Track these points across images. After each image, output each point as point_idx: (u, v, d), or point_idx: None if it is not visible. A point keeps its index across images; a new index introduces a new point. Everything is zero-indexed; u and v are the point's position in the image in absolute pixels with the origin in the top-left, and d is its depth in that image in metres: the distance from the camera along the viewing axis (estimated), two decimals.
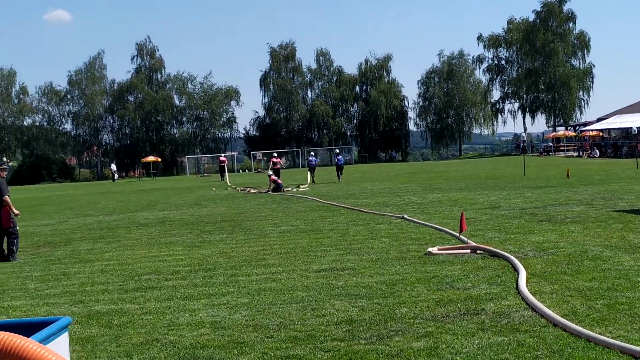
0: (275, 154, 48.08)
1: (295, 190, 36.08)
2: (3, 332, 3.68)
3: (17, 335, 3.65)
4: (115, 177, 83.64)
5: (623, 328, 7.11)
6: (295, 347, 7.16)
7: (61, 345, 4.53)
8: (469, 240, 13.49)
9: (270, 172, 39.13)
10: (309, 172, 46.21)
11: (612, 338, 6.72)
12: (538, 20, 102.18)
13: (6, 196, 15.43)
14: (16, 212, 15.75)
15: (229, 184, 47.63)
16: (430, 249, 12.60)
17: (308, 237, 16.01)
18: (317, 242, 14.93)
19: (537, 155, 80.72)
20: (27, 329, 4.52)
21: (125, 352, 7.37)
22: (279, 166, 43.63)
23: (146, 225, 21.57)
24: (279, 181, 36.49)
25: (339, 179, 44.54)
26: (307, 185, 39.96)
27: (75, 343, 7.81)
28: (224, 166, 61.40)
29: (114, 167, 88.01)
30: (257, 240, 16.07)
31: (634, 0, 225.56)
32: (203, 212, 25.49)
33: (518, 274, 9.90)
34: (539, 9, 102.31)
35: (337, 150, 51.67)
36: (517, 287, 9.19)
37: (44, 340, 4.20)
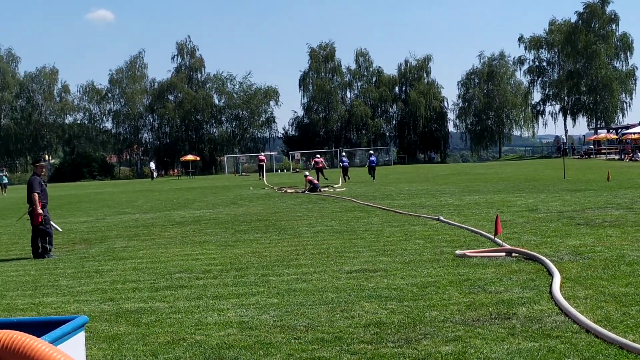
0: (318, 155, 48.88)
1: (331, 190, 36.04)
2: (13, 331, 3.65)
3: (26, 334, 3.61)
4: (154, 176, 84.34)
5: None
6: (322, 349, 7.08)
7: (76, 345, 4.49)
8: (504, 243, 13.31)
9: (307, 173, 39.15)
10: (341, 173, 47.49)
11: None
12: (580, 22, 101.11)
13: (34, 193, 15.38)
14: (40, 211, 15.45)
15: (266, 183, 47.69)
16: (458, 252, 12.46)
17: (342, 237, 15.92)
18: (351, 243, 14.84)
19: (578, 158, 79.80)
20: (43, 327, 4.49)
21: (151, 351, 7.34)
22: (321, 165, 43.97)
23: (181, 223, 21.64)
24: (315, 181, 36.46)
25: (373, 178, 45.75)
26: (340, 185, 39.88)
27: (102, 341, 7.82)
28: (262, 165, 61.64)
29: (152, 165, 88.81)
30: (291, 240, 16.02)
31: None
32: (239, 211, 25.52)
33: (552, 278, 9.71)
34: (581, 10, 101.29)
35: (371, 152, 53.41)
36: (550, 292, 9.02)
37: (57, 340, 4.16)
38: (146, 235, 18.62)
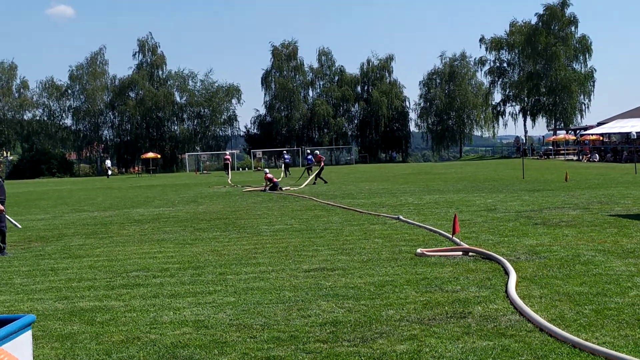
0: (318, 151, 50.47)
1: (293, 189, 36.04)
2: None
3: None
4: (109, 173, 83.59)
5: (610, 334, 7.00)
6: (277, 347, 7.06)
7: (22, 344, 4.41)
8: (461, 242, 13.38)
9: (267, 170, 39.05)
10: (283, 168, 54.27)
11: (598, 344, 6.61)
12: (540, 24, 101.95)
13: None
14: (1, 208, 15.27)
15: (230, 182, 47.50)
16: (419, 250, 12.51)
17: (301, 236, 15.91)
18: (310, 242, 14.83)
19: (537, 159, 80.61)
20: None
21: (105, 350, 7.26)
22: (323, 163, 44.09)
23: (140, 221, 21.47)
24: (275, 180, 36.44)
25: (309, 174, 46.47)
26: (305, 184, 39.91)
27: (54, 340, 7.72)
28: (227, 163, 62.81)
29: (108, 162, 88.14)
30: (250, 238, 15.97)
31: (635, 5, 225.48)
32: (199, 209, 25.39)
33: (508, 278, 9.79)
34: (541, 12, 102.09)
35: (308, 150, 58.77)
36: (506, 291, 9.09)
37: (2, 339, 4.08)
38: (104, 233, 18.45)
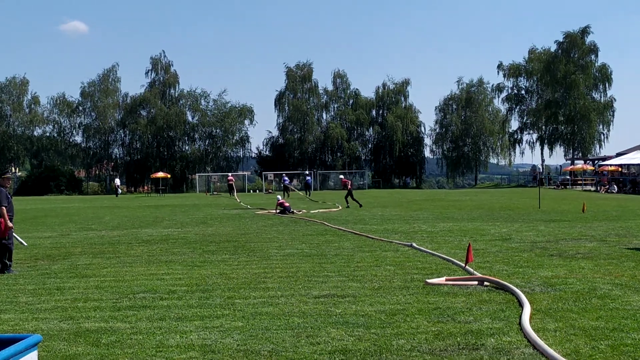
0: (342, 176, 52.11)
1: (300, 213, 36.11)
2: None
3: None
4: (119, 192, 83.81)
5: None
6: None
7: None
8: (475, 272, 13.34)
9: (279, 197, 39.30)
10: (284, 191, 57.24)
11: None
12: (560, 51, 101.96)
13: (2, 207, 15.21)
14: (10, 224, 15.36)
15: (238, 200, 47.55)
16: (429, 280, 12.48)
17: (311, 261, 15.89)
18: (320, 267, 14.81)
19: (554, 188, 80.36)
20: None
21: None
22: (350, 186, 44.62)
23: (148, 242, 21.50)
24: (286, 204, 36.55)
25: (307, 194, 54.60)
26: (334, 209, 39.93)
27: None
28: (231, 184, 64.41)
29: (117, 181, 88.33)
30: (259, 262, 15.96)
31: None
32: (208, 231, 25.41)
33: (522, 309, 9.74)
34: (561, 40, 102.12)
35: (307, 172, 63.88)
36: (520, 323, 9.04)
37: (8, 359, 4.09)
38: (111, 253, 18.48)
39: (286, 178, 64.73)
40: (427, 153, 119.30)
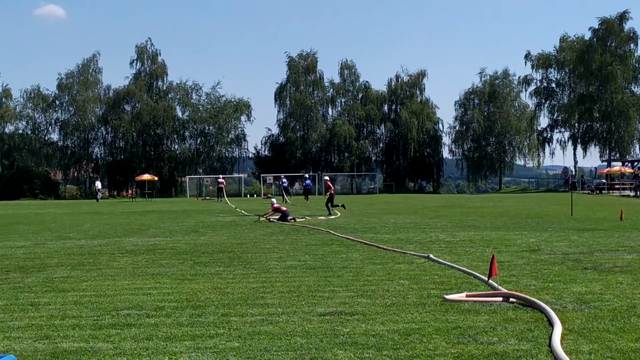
0: (327, 177, 53.16)
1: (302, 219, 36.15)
2: None
3: None
4: (99, 197, 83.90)
5: None
6: None
7: None
8: (499, 287, 13.33)
9: (274, 200, 39.25)
10: (282, 195, 60.04)
11: None
12: (595, 39, 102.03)
13: None
14: None
15: (233, 206, 47.70)
16: (447, 296, 12.47)
17: (316, 274, 15.89)
18: (326, 281, 14.81)
19: (588, 193, 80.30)
20: None
21: None
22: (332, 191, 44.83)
23: (133, 252, 21.51)
24: (283, 208, 36.59)
25: (305, 199, 56.84)
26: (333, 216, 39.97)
27: None
28: (221, 187, 65.55)
29: (98, 184, 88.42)
30: (258, 275, 15.97)
31: None
32: (200, 240, 25.43)
33: (553, 329, 9.74)
34: (596, 27, 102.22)
35: (307, 175, 66.85)
36: (550, 344, 9.03)
37: None
38: (92, 265, 18.49)
39: (285, 181, 66.21)
40: (445, 153, 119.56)
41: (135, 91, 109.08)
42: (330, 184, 45.33)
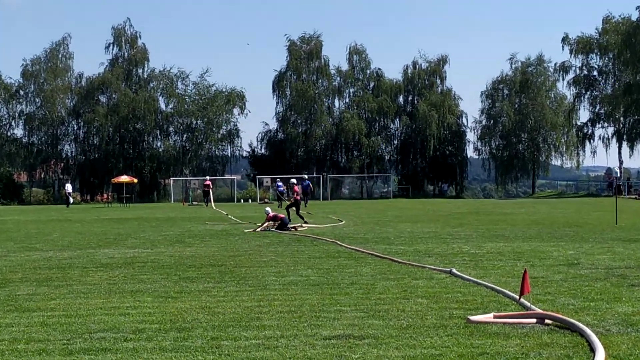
0: (294, 180, 52.44)
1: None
2: None
3: None
4: (70, 201, 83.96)
5: None
6: None
7: None
8: (533, 306, 13.32)
9: (269, 209, 39.10)
10: (278, 200, 61.05)
11: None
12: None
13: None
14: None
15: (225, 212, 47.81)
16: (472, 317, 12.46)
17: (320, 292, 15.90)
18: (332, 300, 14.82)
19: (635, 198, 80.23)
20: None
21: None
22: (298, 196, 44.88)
23: (109, 266, 21.53)
24: (281, 215, 36.59)
25: (305, 204, 56.50)
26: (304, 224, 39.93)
27: None
28: (208, 191, 66.56)
29: (69, 187, 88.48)
30: (253, 292, 15.97)
31: None
32: (186, 252, 25.45)
33: (595, 356, 9.74)
34: None
35: (305, 176, 68.57)
36: None
37: None
38: (61, 280, 18.51)
39: (280, 184, 66.64)
40: (470, 152, 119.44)
41: (111, 80, 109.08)
42: (297, 189, 45.23)
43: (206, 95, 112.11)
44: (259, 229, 36.23)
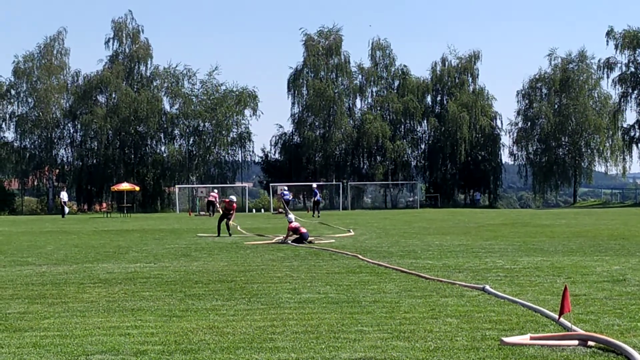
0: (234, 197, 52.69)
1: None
2: None
3: None
4: (66, 211, 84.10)
5: None
6: None
7: None
8: (574, 327, 13.29)
9: (292, 217, 39.15)
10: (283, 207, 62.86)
11: None
12: None
13: None
14: None
15: (235, 224, 47.86)
16: (506, 338, 12.43)
17: (339, 310, 15.89)
18: (352, 319, 14.81)
19: None
20: None
21: None
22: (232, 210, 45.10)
23: (108, 282, 21.57)
24: (303, 229, 36.58)
25: (313, 214, 60.62)
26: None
27: None
28: (213, 201, 67.89)
29: (64, 196, 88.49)
30: (266, 311, 15.98)
31: None
32: (192, 266, 25.48)
33: None
34: None
35: (314, 185, 71.13)
36: None
37: None
38: (55, 297, 18.55)
39: (286, 192, 67.78)
40: (505, 157, 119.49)
41: (111, 78, 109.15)
42: (229, 202, 45.51)
43: (215, 95, 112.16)
44: (278, 239, 36.42)
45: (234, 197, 45.13)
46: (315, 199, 68.49)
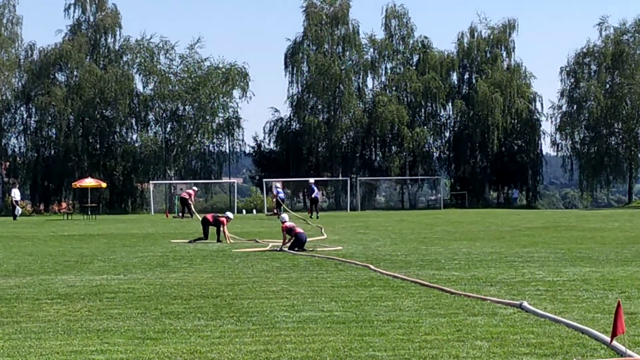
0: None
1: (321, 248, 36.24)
2: None
3: None
4: (18, 212, 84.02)
5: None
6: None
7: None
8: (629, 352, 13.30)
9: (286, 217, 39.04)
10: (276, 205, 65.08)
11: None
12: None
13: None
14: None
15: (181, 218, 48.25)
16: None
17: (347, 331, 15.93)
18: (362, 342, 14.84)
19: None
20: None
21: None
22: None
23: (69, 297, 21.61)
24: (298, 229, 36.49)
25: (311, 215, 62.55)
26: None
27: None
28: (187, 199, 68.42)
29: (16, 193, 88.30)
30: (258, 332, 16.01)
31: None
32: (170, 279, 25.52)
33: None
34: None
35: (311, 180, 71.27)
36: None
37: None
38: (5, 316, 18.59)
39: (280, 190, 68.20)
40: (546, 147, 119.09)
41: (72, 52, 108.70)
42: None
43: (197, 73, 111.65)
44: (284, 248, 35.99)
45: (230, 215, 44.65)
46: (313, 197, 68.00)
